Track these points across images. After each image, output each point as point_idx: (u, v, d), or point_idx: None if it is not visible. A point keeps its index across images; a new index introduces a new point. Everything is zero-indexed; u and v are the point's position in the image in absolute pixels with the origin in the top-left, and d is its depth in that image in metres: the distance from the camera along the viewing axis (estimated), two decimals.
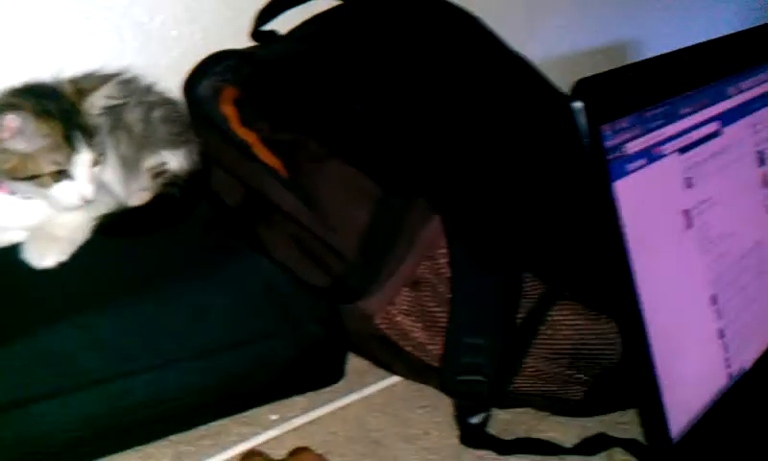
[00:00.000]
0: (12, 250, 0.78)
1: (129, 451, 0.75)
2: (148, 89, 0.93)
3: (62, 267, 0.77)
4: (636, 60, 0.64)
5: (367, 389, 0.85)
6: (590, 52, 1.38)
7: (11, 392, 0.70)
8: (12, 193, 0.79)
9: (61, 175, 0.78)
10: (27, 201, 0.79)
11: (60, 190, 0.78)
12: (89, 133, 0.80)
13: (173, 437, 0.77)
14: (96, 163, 0.81)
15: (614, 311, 0.71)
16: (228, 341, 0.78)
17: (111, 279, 0.78)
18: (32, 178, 0.77)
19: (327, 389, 0.85)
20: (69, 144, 0.78)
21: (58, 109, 0.78)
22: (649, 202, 0.60)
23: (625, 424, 0.79)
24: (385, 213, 0.78)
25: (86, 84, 0.82)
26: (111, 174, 0.86)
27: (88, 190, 0.80)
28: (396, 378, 0.86)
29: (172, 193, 0.87)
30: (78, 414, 0.72)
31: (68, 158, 0.78)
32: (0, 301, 0.74)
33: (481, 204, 0.77)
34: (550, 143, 0.84)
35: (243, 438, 0.77)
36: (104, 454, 0.74)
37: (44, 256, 0.77)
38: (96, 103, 0.82)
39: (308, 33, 0.92)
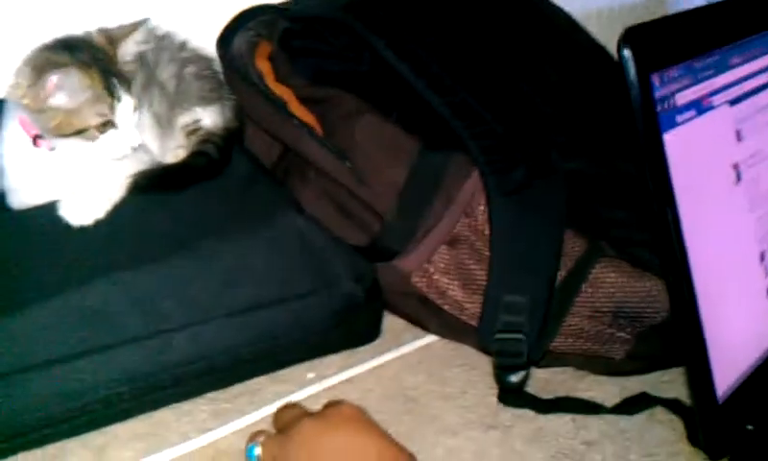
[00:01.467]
0: (50, 208, 0.78)
1: (166, 408, 0.75)
2: (181, 46, 0.92)
3: (100, 225, 0.77)
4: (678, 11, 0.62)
5: (403, 348, 0.85)
6: (631, 6, 1.34)
7: (49, 349, 0.70)
8: (52, 149, 0.79)
9: (107, 125, 0.78)
10: (65, 158, 0.79)
11: (108, 140, 0.78)
12: (126, 80, 0.80)
13: (210, 394, 0.77)
14: (136, 109, 0.80)
15: (660, 268, 0.69)
16: (266, 299, 0.77)
17: (149, 237, 0.77)
18: (78, 132, 0.77)
19: (364, 348, 0.84)
20: (110, 93, 0.78)
21: (93, 59, 0.78)
22: (698, 155, 0.58)
23: (667, 383, 0.77)
24: (422, 169, 0.77)
25: (117, 33, 0.82)
26: (147, 131, 0.86)
27: (135, 137, 0.80)
28: (432, 337, 0.86)
29: (207, 151, 0.87)
30: (116, 371, 0.72)
31: (112, 108, 0.78)
32: (39, 259, 0.75)
33: (521, 158, 0.75)
34: (592, 95, 0.83)
35: (279, 396, 0.77)
36: (141, 411, 0.74)
37: (81, 215, 0.78)
38: (129, 49, 0.81)
39: None
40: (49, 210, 0.78)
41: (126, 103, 0.79)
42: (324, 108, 0.82)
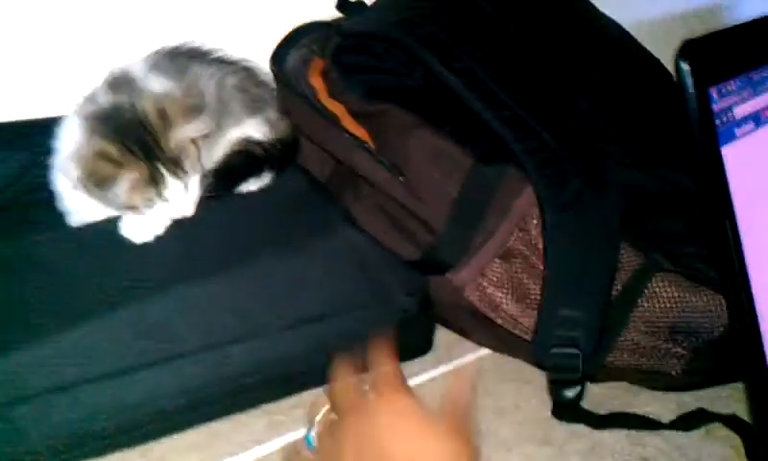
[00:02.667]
0: (109, 225, 0.80)
1: (223, 420, 0.76)
2: (228, 60, 0.93)
3: (159, 240, 0.79)
4: (732, 23, 0.61)
5: (455, 361, 0.85)
6: (683, 16, 1.33)
7: (110, 361, 0.71)
8: None
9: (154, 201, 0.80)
10: None
11: (155, 213, 0.80)
12: (176, 163, 0.80)
13: (265, 406, 0.78)
14: (186, 186, 0.81)
15: (718, 283, 0.68)
16: (321, 312, 0.78)
17: (206, 252, 0.79)
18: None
19: (416, 361, 0.84)
20: (156, 181, 0.79)
21: (141, 146, 0.78)
22: (757, 168, 0.57)
23: (725, 398, 0.76)
24: (476, 183, 0.77)
25: (169, 108, 0.80)
26: None
27: (186, 208, 0.81)
28: (484, 351, 0.86)
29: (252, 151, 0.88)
30: (174, 383, 0.73)
31: (159, 194, 0.79)
32: (99, 273, 0.76)
33: (575, 173, 0.75)
34: (645, 106, 0.82)
35: None
36: (199, 422, 0.75)
37: (142, 232, 0.79)
38: (180, 136, 0.80)
39: (395, 3, 0.91)
40: (108, 227, 0.80)
41: (173, 187, 0.79)
42: (376, 122, 0.83)
